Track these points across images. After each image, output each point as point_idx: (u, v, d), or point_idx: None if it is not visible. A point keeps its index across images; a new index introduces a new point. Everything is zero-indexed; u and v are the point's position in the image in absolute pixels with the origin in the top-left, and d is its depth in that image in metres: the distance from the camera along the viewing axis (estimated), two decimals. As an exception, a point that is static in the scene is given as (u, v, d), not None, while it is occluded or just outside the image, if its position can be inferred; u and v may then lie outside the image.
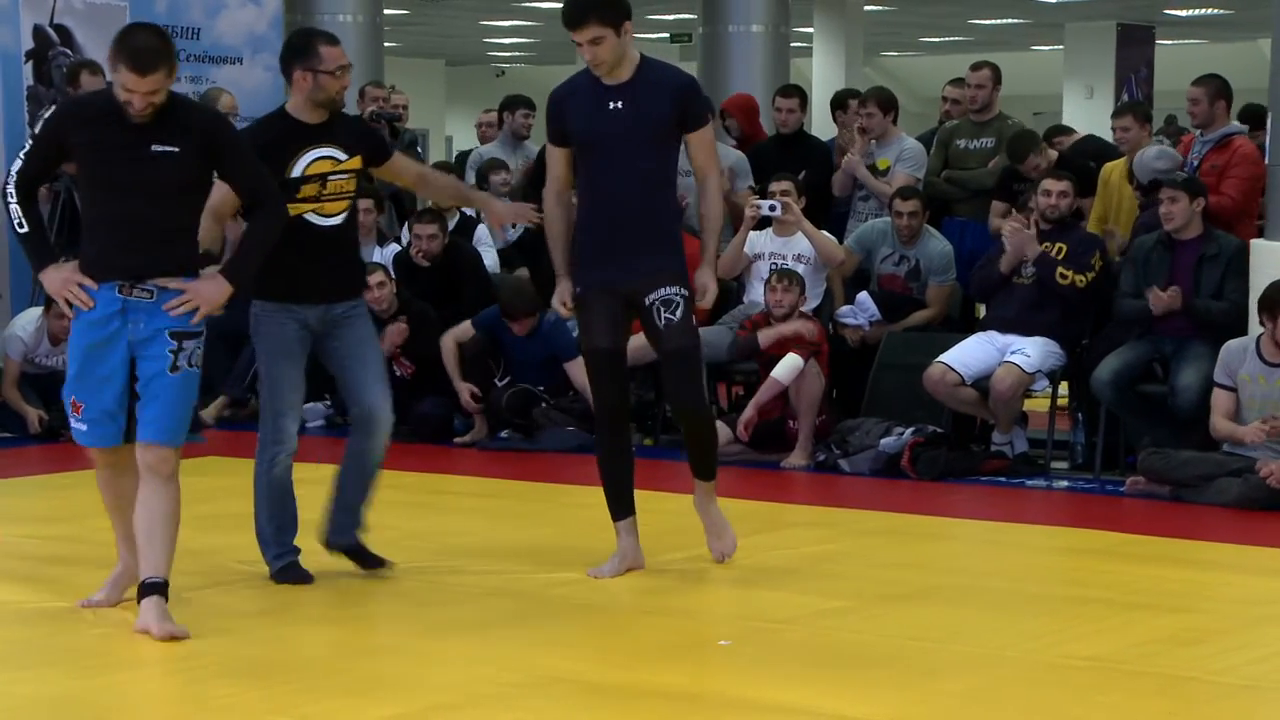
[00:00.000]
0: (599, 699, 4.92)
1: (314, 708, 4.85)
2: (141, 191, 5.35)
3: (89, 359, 5.42)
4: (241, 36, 11.61)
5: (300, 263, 5.96)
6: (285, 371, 6.05)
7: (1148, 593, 6.32)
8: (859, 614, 5.95)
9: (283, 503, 6.13)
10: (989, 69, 10.37)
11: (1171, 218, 8.56)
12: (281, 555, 6.14)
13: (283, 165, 5.92)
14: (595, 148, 6.22)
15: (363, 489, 6.24)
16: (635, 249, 6.24)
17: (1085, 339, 9.05)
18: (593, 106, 6.21)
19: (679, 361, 6.33)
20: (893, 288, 9.69)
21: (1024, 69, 26.03)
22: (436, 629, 5.70)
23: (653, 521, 7.75)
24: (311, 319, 6.05)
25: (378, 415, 6.13)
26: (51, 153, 5.50)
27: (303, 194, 5.98)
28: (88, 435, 5.51)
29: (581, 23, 6.10)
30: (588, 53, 6.16)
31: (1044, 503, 8.35)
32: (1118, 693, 5.00)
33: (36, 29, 10.66)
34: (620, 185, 6.22)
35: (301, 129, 6.02)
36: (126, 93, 5.26)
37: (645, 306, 6.26)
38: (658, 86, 6.24)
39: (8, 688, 4.98)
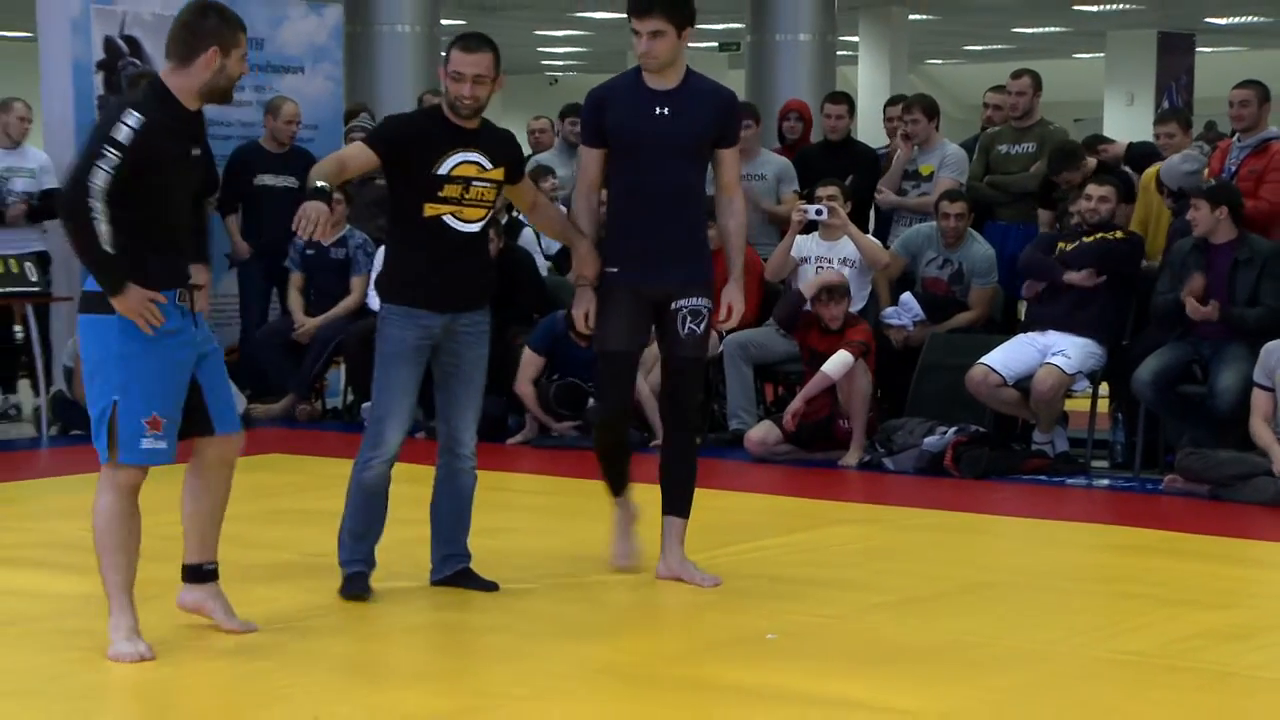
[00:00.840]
0: (652, 691, 4.91)
1: (378, 698, 4.86)
2: (186, 197, 5.24)
3: (166, 373, 5.09)
4: (303, 46, 11.64)
5: (433, 266, 5.75)
6: (397, 376, 5.77)
7: (1189, 589, 6.28)
8: (905, 609, 5.92)
9: (367, 509, 5.84)
10: (1029, 76, 10.33)
11: (1196, 224, 8.53)
12: (351, 563, 5.86)
13: (429, 161, 5.71)
14: (637, 151, 6.04)
15: (459, 512, 6.02)
16: (671, 254, 6.12)
17: (1125, 340, 9.00)
18: (638, 109, 6.04)
19: (689, 371, 6.24)
20: (936, 290, 9.65)
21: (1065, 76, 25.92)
22: (493, 623, 5.70)
23: (700, 518, 7.73)
24: (437, 327, 5.78)
25: (463, 438, 5.93)
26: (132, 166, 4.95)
27: (445, 194, 5.72)
28: (167, 453, 5.11)
29: (648, 12, 5.93)
30: (644, 44, 5.96)
31: (1085, 501, 8.31)
32: (1162, 688, 4.97)
33: (107, 40, 10.72)
34: (660, 190, 6.07)
35: (454, 130, 5.76)
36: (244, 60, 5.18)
37: (672, 311, 6.14)
38: (702, 98, 6.11)
39: (70, 669, 5.02)
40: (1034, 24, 25.95)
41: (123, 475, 5.10)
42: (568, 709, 4.78)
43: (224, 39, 5.13)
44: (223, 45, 5.12)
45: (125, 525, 5.12)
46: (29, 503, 8.32)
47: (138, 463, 5.08)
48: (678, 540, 6.27)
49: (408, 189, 5.78)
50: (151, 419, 5.05)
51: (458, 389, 5.90)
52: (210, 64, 5.11)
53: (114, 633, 5.11)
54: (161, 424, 5.06)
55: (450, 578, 6.01)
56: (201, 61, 5.11)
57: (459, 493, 6.00)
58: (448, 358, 5.86)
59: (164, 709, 4.86)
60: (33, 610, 5.76)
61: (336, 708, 4.73)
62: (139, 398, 5.05)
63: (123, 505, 5.11)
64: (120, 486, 5.10)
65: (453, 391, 5.90)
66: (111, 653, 5.08)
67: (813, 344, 9.15)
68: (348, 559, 5.88)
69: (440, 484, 6.01)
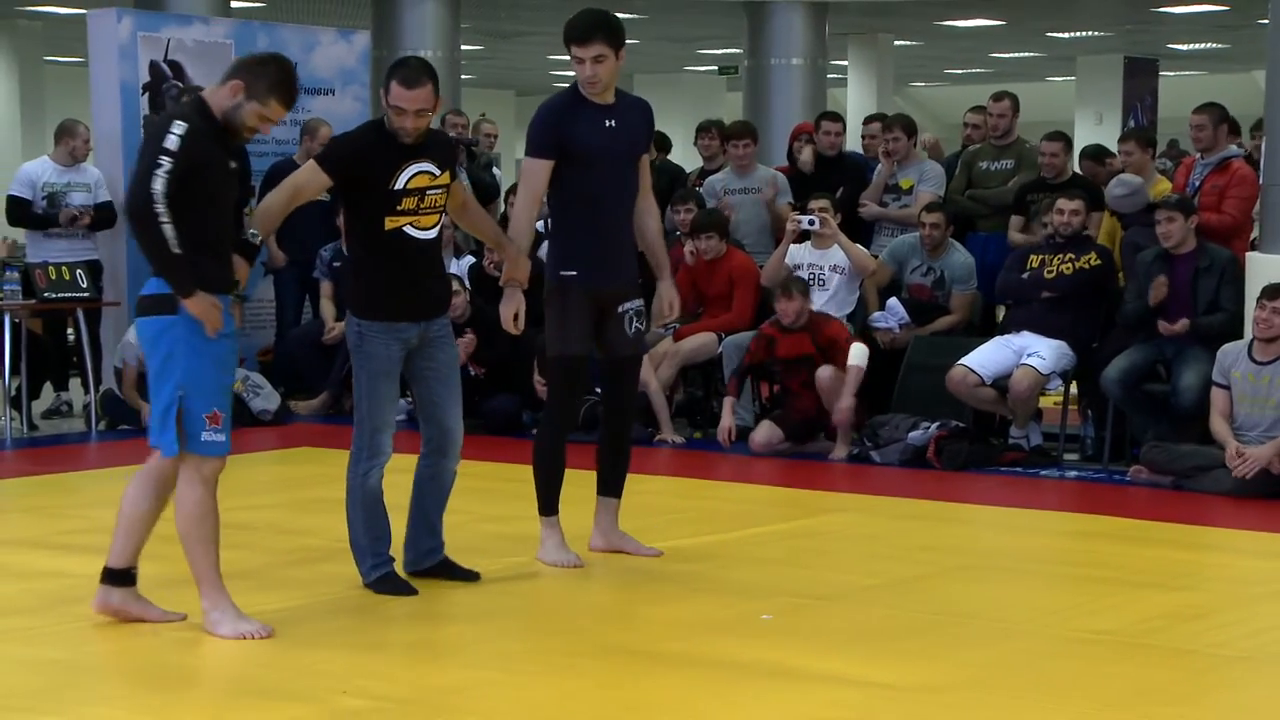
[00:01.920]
0: (655, 666, 4.92)
1: (401, 673, 4.88)
2: (229, 205, 5.23)
3: (224, 371, 5.16)
4: (333, 70, 11.65)
5: (401, 276, 5.62)
6: (386, 390, 5.65)
7: (1152, 573, 6.28)
8: (890, 591, 5.93)
9: (376, 513, 5.71)
10: (1009, 99, 10.35)
11: (1170, 236, 8.54)
12: (379, 565, 5.71)
13: (385, 178, 5.56)
14: (595, 162, 6.02)
15: (440, 507, 5.90)
16: (620, 258, 6.13)
17: (1095, 342, 9.01)
18: (594, 125, 6.02)
19: (632, 367, 6.24)
20: (920, 296, 9.66)
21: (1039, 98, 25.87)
22: (504, 602, 5.71)
23: (704, 506, 7.77)
24: (412, 338, 5.66)
25: (454, 437, 5.83)
26: (184, 173, 4.96)
27: (402, 206, 5.58)
28: (226, 445, 5.14)
29: (589, 40, 5.93)
30: (589, 69, 5.95)
31: (1057, 491, 8.31)
32: (1126, 663, 4.98)
33: (152, 64, 10.75)
34: (613, 197, 6.08)
35: (402, 145, 5.60)
36: (264, 122, 5.12)
37: (619, 313, 6.12)
38: (633, 110, 6.16)
39: (127, 645, 5.03)
40: (1010, 50, 25.93)
41: (207, 468, 5.12)
42: (575, 684, 4.78)
43: (252, 86, 5.10)
44: (248, 89, 5.10)
45: (211, 516, 5.15)
46: (81, 493, 8.35)
47: (207, 454, 5.10)
48: (615, 516, 6.34)
49: (367, 205, 5.60)
50: (212, 414, 5.08)
51: (440, 390, 5.76)
52: (232, 94, 5.10)
53: (219, 614, 5.13)
54: (220, 418, 5.10)
55: (432, 569, 5.89)
56: (227, 88, 5.12)
57: (442, 490, 5.88)
58: (424, 362, 5.72)
59: (205, 683, 4.88)
60: (86, 592, 5.75)
61: (363, 682, 4.74)
62: (201, 394, 5.07)
63: (207, 497, 5.14)
64: (205, 480, 5.13)
65: (435, 393, 5.76)
66: (229, 630, 5.10)
67: (778, 353, 9.12)
68: (374, 564, 5.72)
69: (424, 482, 5.85)
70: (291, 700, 4.56)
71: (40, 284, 9.90)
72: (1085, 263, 8.91)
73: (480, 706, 4.55)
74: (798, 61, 16.55)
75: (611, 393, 6.27)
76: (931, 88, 32.90)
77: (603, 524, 6.37)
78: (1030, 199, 9.77)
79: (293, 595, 5.66)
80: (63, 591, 5.77)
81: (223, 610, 5.14)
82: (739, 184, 10.46)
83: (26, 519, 7.64)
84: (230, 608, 5.15)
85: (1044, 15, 21.20)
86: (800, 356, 9.05)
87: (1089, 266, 8.90)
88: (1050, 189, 9.61)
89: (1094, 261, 8.91)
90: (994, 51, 26.21)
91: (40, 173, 10.45)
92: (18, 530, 7.31)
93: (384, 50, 14.32)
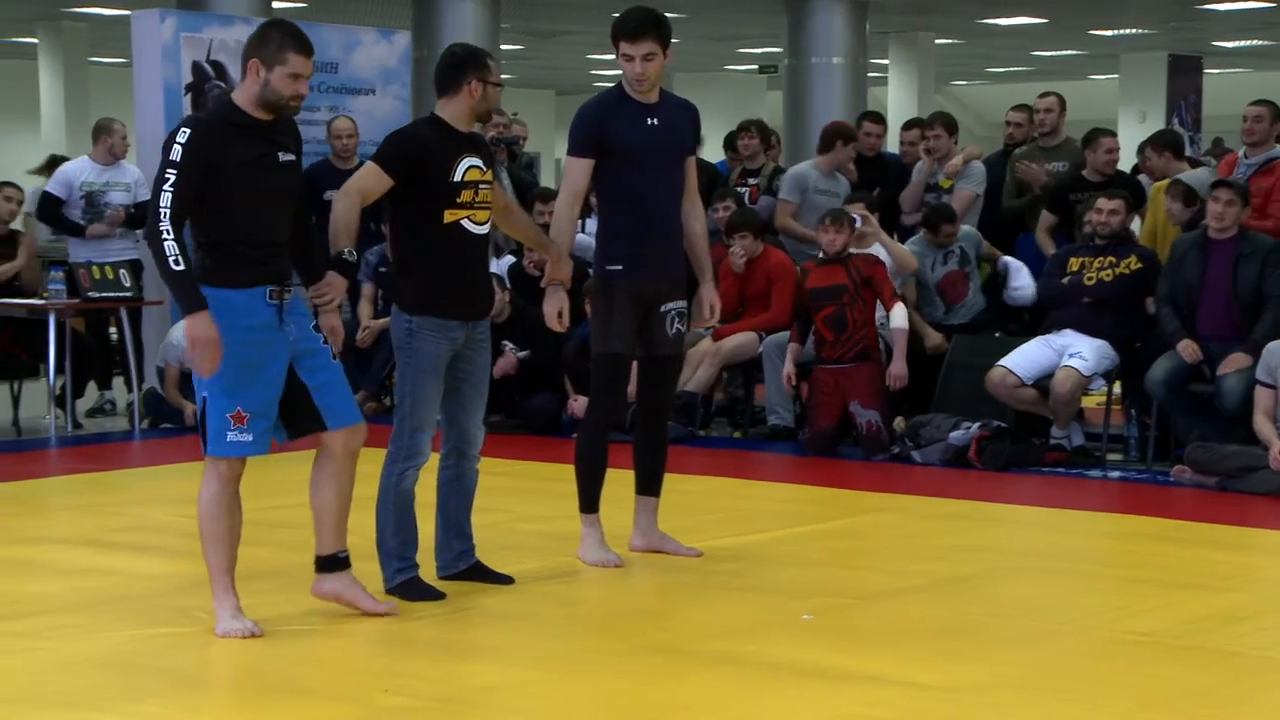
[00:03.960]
0: (694, 665, 4.92)
1: (442, 670, 4.89)
2: (278, 200, 5.16)
3: (252, 369, 5.04)
4: (374, 70, 11.69)
5: (456, 272, 5.58)
6: (431, 389, 5.59)
7: (1197, 574, 6.24)
8: (931, 591, 5.91)
9: (406, 517, 5.64)
10: (1055, 97, 10.31)
11: (1223, 218, 8.43)
12: (403, 569, 5.64)
13: (445, 169, 5.53)
14: (639, 161, 6.01)
15: (467, 508, 5.85)
16: (667, 257, 6.12)
17: (1138, 341, 8.95)
18: (635, 122, 6.02)
19: (671, 367, 6.26)
20: (952, 284, 9.64)
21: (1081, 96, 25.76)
22: (543, 601, 5.71)
23: (744, 506, 7.75)
24: (459, 340, 5.61)
25: (475, 438, 5.79)
26: (199, 177, 4.95)
27: (461, 199, 5.54)
28: (254, 445, 5.07)
29: (641, 36, 5.94)
30: (638, 67, 5.96)
31: (1100, 491, 8.26)
32: (1170, 665, 4.94)
33: (195, 65, 10.80)
34: (658, 196, 6.07)
35: (457, 136, 5.59)
36: (295, 80, 5.06)
37: (661, 313, 6.12)
38: (678, 110, 6.17)
39: (167, 643, 5.06)
40: (1052, 48, 25.80)
41: (224, 467, 5.10)
42: (614, 683, 4.78)
43: (263, 55, 5.07)
44: (263, 59, 5.07)
45: (227, 513, 5.13)
46: (124, 491, 8.40)
47: (224, 455, 5.07)
48: (654, 515, 6.33)
49: (427, 199, 5.55)
50: (235, 413, 5.04)
51: (470, 394, 5.73)
52: (255, 75, 5.08)
53: (220, 611, 5.13)
54: (246, 418, 5.04)
55: (464, 573, 5.86)
56: (248, 74, 5.11)
57: (466, 491, 5.84)
58: (465, 365, 5.69)
59: (247, 682, 4.88)
60: (130, 589, 5.81)
61: (403, 681, 4.75)
62: (223, 394, 5.04)
63: (225, 495, 5.12)
64: (222, 477, 5.11)
65: (465, 396, 5.72)
66: (220, 629, 5.10)
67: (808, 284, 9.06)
68: (400, 567, 5.65)
69: (448, 484, 5.81)
70: (331, 699, 4.57)
71: (84, 284, 9.97)
72: (1126, 267, 8.84)
73: (519, 705, 4.56)
74: (838, 60, 16.52)
75: (649, 391, 6.26)
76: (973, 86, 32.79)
77: (642, 523, 6.37)
78: (1074, 198, 9.71)
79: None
80: (108, 589, 5.81)
81: (222, 608, 5.14)
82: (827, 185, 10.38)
83: (71, 517, 7.69)
84: (229, 607, 5.13)
85: (1087, 13, 21.10)
86: (832, 286, 8.98)
87: (1129, 271, 8.83)
88: (1093, 188, 9.55)
89: (1134, 265, 8.83)
90: (1036, 49, 26.09)
91: (79, 172, 10.55)
92: (63, 528, 7.36)
93: (424, 50, 14.35)
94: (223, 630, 5.10)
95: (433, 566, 5.84)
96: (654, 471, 6.32)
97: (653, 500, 6.35)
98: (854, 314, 8.96)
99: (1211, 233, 8.51)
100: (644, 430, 6.31)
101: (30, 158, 21.28)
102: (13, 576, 6.06)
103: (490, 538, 6.06)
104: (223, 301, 5.00)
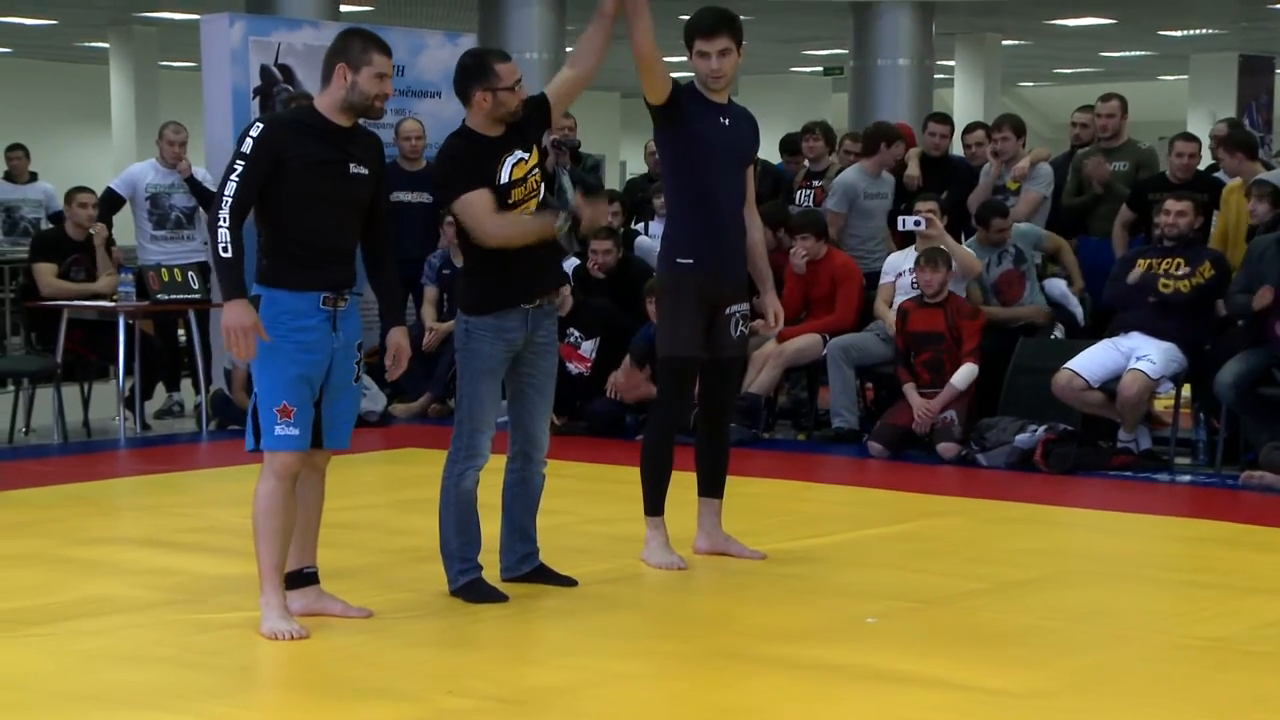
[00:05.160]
0: (758, 668, 4.91)
1: (506, 673, 4.90)
2: (343, 208, 5.21)
3: (301, 365, 5.11)
4: (440, 73, 11.71)
5: (522, 261, 5.56)
6: (489, 390, 5.61)
7: (1267, 579, 6.17)
8: (996, 595, 5.88)
9: (468, 517, 5.65)
10: (1117, 100, 10.24)
11: None
12: (466, 571, 5.65)
13: (493, 173, 5.56)
14: (710, 159, 6.00)
15: (532, 512, 5.86)
16: (733, 259, 6.12)
17: (1207, 344, 8.86)
18: (707, 118, 6.02)
19: (735, 368, 6.28)
20: (1009, 284, 9.59)
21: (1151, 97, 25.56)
22: (607, 604, 5.71)
23: (809, 509, 7.73)
24: (518, 341, 5.61)
25: (541, 442, 5.80)
26: (266, 170, 5.04)
27: (513, 198, 5.56)
28: (299, 440, 5.12)
29: (716, 33, 5.95)
30: (714, 63, 5.96)
31: (1168, 495, 8.19)
32: (1239, 671, 4.89)
33: (263, 68, 10.88)
34: (726, 199, 6.06)
35: (491, 142, 5.60)
36: (381, 80, 5.14)
37: (726, 315, 6.11)
38: (744, 117, 6.17)
39: (228, 643, 5.09)
40: (1121, 49, 25.59)
41: (279, 462, 5.14)
42: (678, 686, 4.79)
43: (350, 57, 5.17)
44: (349, 62, 5.16)
45: (281, 510, 5.16)
46: (190, 492, 8.47)
47: (273, 448, 5.13)
48: (718, 517, 6.33)
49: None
50: (282, 407, 5.10)
51: (535, 399, 5.74)
52: (341, 81, 5.17)
53: (268, 610, 5.16)
54: (292, 412, 5.11)
55: (528, 575, 5.86)
56: (335, 79, 5.19)
57: (531, 494, 5.85)
58: (526, 369, 5.70)
59: (310, 681, 4.91)
60: (195, 589, 5.86)
61: (467, 682, 4.77)
62: (271, 389, 5.12)
63: (280, 491, 5.16)
64: (278, 473, 5.15)
65: (530, 400, 5.74)
66: (267, 629, 5.13)
67: (909, 327, 9.08)
68: (462, 569, 5.66)
69: (513, 487, 5.83)
70: (396, 699, 4.59)
71: (153, 286, 10.06)
72: (1201, 275, 8.72)
73: (582, 707, 4.56)
74: (904, 62, 16.46)
75: (711, 393, 6.26)
76: (1040, 87, 32.56)
77: (706, 525, 6.36)
78: (1152, 198, 9.64)
79: (395, 595, 5.69)
80: (173, 588, 5.86)
81: (270, 606, 5.16)
82: (875, 188, 10.34)
83: (140, 517, 7.77)
84: (278, 605, 5.16)
85: (1156, 13, 20.91)
86: (931, 332, 9.01)
87: (1204, 280, 8.71)
88: (1171, 188, 9.46)
89: (1208, 273, 8.72)
90: (1104, 50, 25.89)
91: (144, 174, 10.69)
92: (132, 529, 7.43)
93: (490, 53, 14.36)
94: (269, 629, 5.12)
95: (497, 568, 5.86)
96: (717, 473, 6.32)
97: (716, 502, 6.34)
98: (950, 360, 8.99)
99: None
100: (706, 432, 6.31)
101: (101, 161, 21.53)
102: (81, 576, 6.12)
103: (555, 540, 6.07)
104: (274, 301, 5.10)
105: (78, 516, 7.45)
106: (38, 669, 4.87)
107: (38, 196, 13.99)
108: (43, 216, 13.67)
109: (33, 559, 6.43)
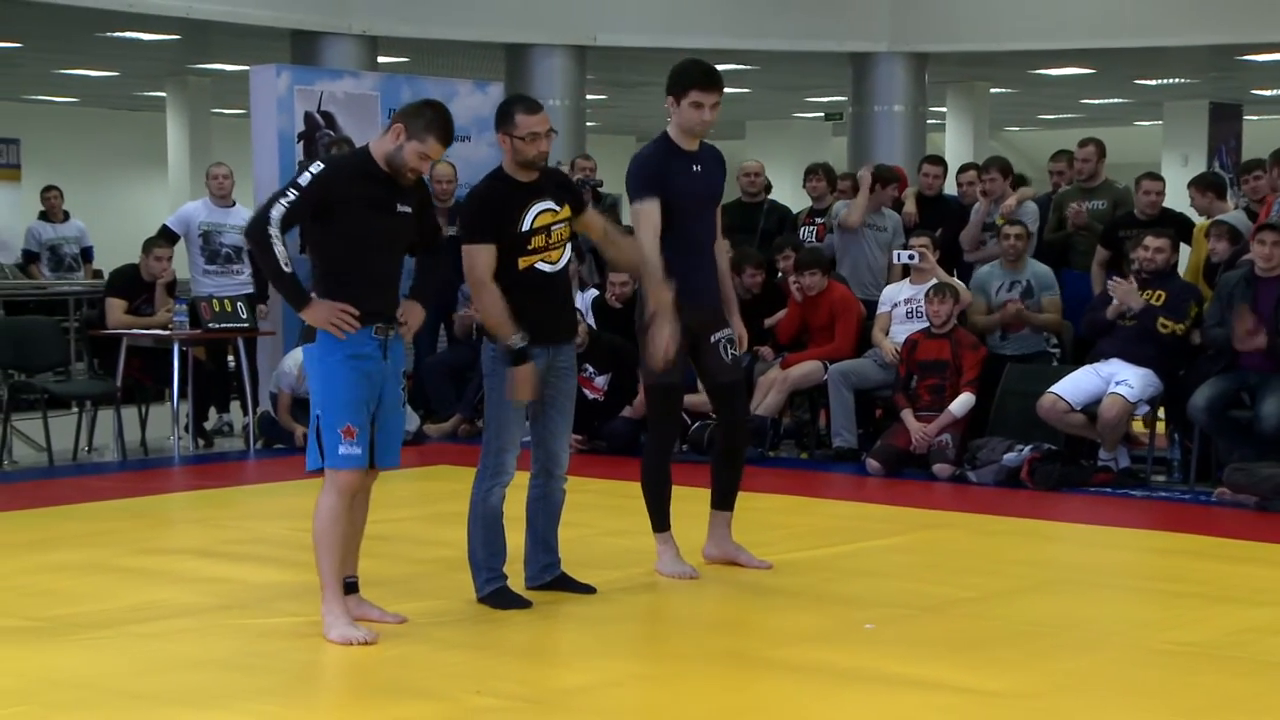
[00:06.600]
0: (765, 671, 4.91)
1: (531, 675, 4.90)
2: (390, 246, 5.24)
3: (360, 388, 5.12)
4: (470, 118, 11.76)
5: (535, 308, 5.54)
6: (514, 413, 5.59)
7: (1238, 588, 6.15)
8: (986, 603, 5.86)
9: (494, 530, 5.65)
10: (1094, 144, 10.25)
11: (1270, 259, 8.31)
12: (492, 579, 5.65)
13: (513, 221, 5.53)
14: (687, 205, 6.02)
15: (554, 525, 5.86)
16: (709, 292, 6.11)
17: (1181, 370, 8.85)
18: (684, 170, 6.03)
19: (737, 390, 6.26)
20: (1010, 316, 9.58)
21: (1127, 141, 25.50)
22: (624, 610, 5.71)
23: (813, 522, 7.72)
24: (540, 364, 5.59)
25: (561, 460, 5.81)
26: (317, 204, 5.07)
27: (533, 245, 5.53)
28: (362, 458, 5.13)
29: (713, 86, 5.98)
30: (706, 114, 5.96)
31: (1145, 510, 8.16)
32: (1211, 674, 4.88)
33: (306, 115, 10.94)
34: (701, 236, 6.07)
35: (521, 187, 5.56)
36: (423, 159, 5.15)
37: (712, 342, 6.11)
38: (713, 158, 6.17)
39: (280, 647, 5.10)
40: (1099, 96, 25.58)
41: (342, 480, 5.15)
42: (691, 687, 4.78)
43: (410, 125, 5.16)
44: (408, 129, 5.16)
45: (340, 524, 5.16)
46: (239, 506, 8.49)
47: (338, 467, 5.13)
48: (729, 528, 6.32)
49: (501, 250, 5.51)
50: (346, 428, 5.11)
51: (556, 419, 5.74)
52: (395, 138, 5.18)
53: (330, 617, 5.15)
54: (355, 433, 5.11)
55: (550, 583, 5.87)
56: (390, 134, 5.20)
57: (553, 508, 5.85)
58: (549, 391, 5.68)
59: (351, 682, 4.92)
60: (245, 597, 5.86)
61: (494, 683, 4.77)
62: (335, 411, 5.12)
63: (340, 506, 5.16)
64: (340, 490, 5.16)
65: (551, 420, 5.74)
66: (336, 635, 5.10)
67: (917, 355, 9.08)
68: (488, 577, 5.66)
69: (536, 501, 5.82)
70: (427, 698, 4.59)
71: (205, 316, 10.09)
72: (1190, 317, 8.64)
73: (602, 707, 4.56)
74: (899, 108, 16.44)
75: (724, 414, 6.29)
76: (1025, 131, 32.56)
77: (716, 535, 6.36)
78: (1123, 234, 9.64)
79: (428, 602, 5.69)
80: (225, 596, 5.87)
81: (335, 615, 5.15)
82: (874, 219, 10.38)
83: (193, 529, 7.79)
84: (343, 614, 5.15)
85: (1132, 64, 20.90)
86: (937, 361, 9.02)
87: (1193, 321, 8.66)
88: (1141, 225, 9.46)
89: (1193, 312, 8.68)
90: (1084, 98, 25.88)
91: (196, 213, 10.75)
92: (186, 540, 7.45)
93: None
94: (338, 635, 5.10)
95: (522, 577, 5.86)
96: (730, 488, 6.32)
97: (727, 514, 6.35)
98: (951, 387, 9.00)
99: (1259, 271, 8.41)
100: (723, 449, 6.34)
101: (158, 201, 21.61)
102: (140, 583, 6.13)
103: (574, 552, 6.06)
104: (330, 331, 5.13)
105: (136, 529, 7.47)
106: (101, 669, 4.89)
107: (74, 234, 14.40)
108: (77, 252, 14.12)
109: (95, 568, 6.45)
